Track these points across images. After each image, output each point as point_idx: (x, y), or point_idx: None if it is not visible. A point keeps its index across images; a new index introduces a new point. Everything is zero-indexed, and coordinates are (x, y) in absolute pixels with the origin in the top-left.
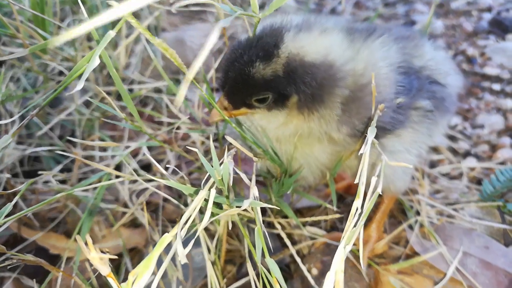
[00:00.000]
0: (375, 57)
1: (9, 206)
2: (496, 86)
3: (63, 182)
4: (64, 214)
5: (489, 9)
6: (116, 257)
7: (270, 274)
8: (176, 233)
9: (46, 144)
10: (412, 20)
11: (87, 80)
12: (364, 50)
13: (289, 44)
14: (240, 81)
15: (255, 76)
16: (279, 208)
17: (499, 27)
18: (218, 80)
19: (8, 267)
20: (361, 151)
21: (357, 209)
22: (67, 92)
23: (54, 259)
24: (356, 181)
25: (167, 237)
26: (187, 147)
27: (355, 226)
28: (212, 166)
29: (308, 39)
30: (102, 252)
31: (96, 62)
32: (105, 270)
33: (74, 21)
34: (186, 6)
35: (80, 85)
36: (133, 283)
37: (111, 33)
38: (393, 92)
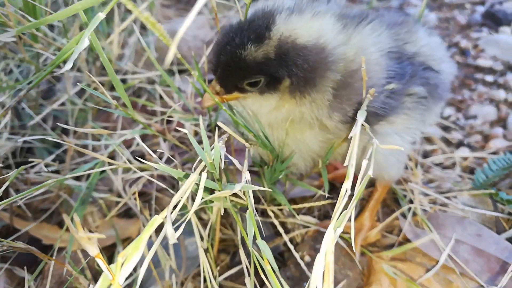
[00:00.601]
0: (366, 42)
1: None
2: (489, 78)
3: (55, 172)
4: (57, 205)
5: (482, 2)
6: (103, 236)
7: (262, 258)
8: (166, 216)
9: (39, 135)
10: (406, 13)
11: (80, 70)
12: (355, 36)
13: (281, 27)
14: (232, 64)
15: (246, 58)
16: (272, 196)
17: (492, 20)
18: (210, 64)
19: None
20: (350, 134)
21: (346, 190)
22: (62, 85)
23: (47, 250)
24: (345, 164)
25: (157, 219)
26: (178, 128)
27: (345, 209)
28: (203, 150)
29: (300, 21)
30: (90, 232)
31: (85, 44)
32: (94, 250)
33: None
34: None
35: (68, 65)
36: (122, 265)
37: (101, 15)
38: (384, 77)
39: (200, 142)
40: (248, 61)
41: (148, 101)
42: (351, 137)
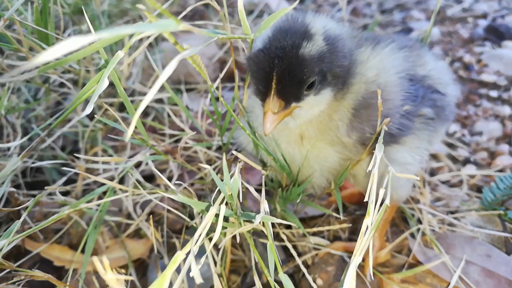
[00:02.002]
0: (386, 64)
1: (18, 224)
2: (493, 93)
3: (66, 193)
4: (68, 226)
5: (484, 16)
6: (131, 277)
7: (278, 284)
8: (189, 250)
9: (49, 156)
10: (409, 27)
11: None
12: (374, 57)
13: (316, 23)
14: (293, 68)
15: (307, 56)
16: (283, 217)
17: (494, 34)
18: (258, 83)
19: (17, 283)
20: (369, 168)
21: (367, 227)
22: (75, 115)
23: (59, 271)
24: (366, 199)
25: (180, 255)
26: (200, 165)
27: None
28: (222, 181)
29: (325, 19)
30: (117, 272)
31: (105, 84)
32: None
33: (74, 31)
34: (186, 16)
35: (89, 108)
36: None
37: (120, 54)
38: (403, 99)
39: (208, 162)
40: (309, 59)
41: (156, 119)
42: (366, 160)
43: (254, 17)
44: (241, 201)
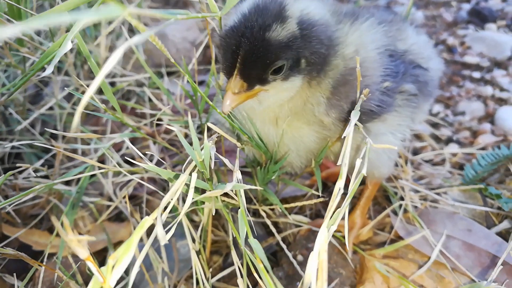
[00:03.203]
0: (364, 40)
1: None
2: (476, 74)
3: (45, 177)
4: (46, 210)
5: (467, 0)
6: (93, 238)
7: (255, 258)
8: (156, 217)
9: (27, 140)
10: (394, 12)
11: (68, 74)
12: (352, 33)
13: (295, 6)
14: (258, 51)
15: (274, 40)
16: (264, 196)
17: (478, 17)
18: (223, 61)
19: None
20: (344, 134)
21: (339, 189)
22: (49, 90)
23: (38, 256)
24: (339, 163)
25: (147, 220)
26: (166, 126)
27: (338, 208)
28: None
29: (307, 1)
30: (80, 234)
31: (67, 46)
32: (84, 253)
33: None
34: (169, 3)
35: (50, 68)
36: (113, 267)
37: (85, 18)
38: (382, 75)
39: (190, 143)
40: (275, 43)
41: (137, 103)
42: (345, 136)
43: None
44: (212, 167)
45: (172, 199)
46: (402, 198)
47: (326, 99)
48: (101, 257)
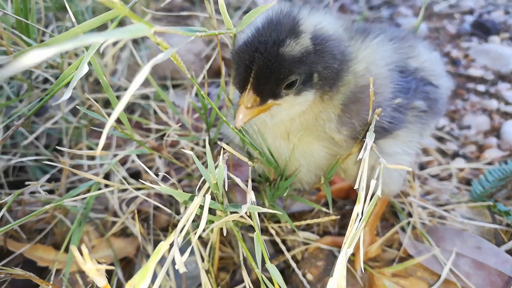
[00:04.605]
0: (375, 56)
1: None
2: (481, 87)
3: (50, 192)
4: (52, 225)
5: (471, 12)
6: (112, 267)
7: (269, 280)
8: (173, 241)
9: (32, 154)
10: (397, 23)
11: (73, 87)
12: (363, 50)
13: (308, 21)
14: (271, 66)
15: (287, 55)
16: (272, 213)
17: (481, 29)
18: (236, 76)
19: None
20: (360, 156)
21: (357, 214)
22: (54, 101)
23: (43, 272)
24: (356, 187)
25: (163, 246)
26: (181, 149)
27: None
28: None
29: (321, 16)
30: (98, 262)
31: (84, 70)
32: (102, 281)
33: (58, 28)
34: (173, 12)
35: (67, 93)
36: None
37: (100, 40)
38: (393, 91)
39: (198, 157)
40: (289, 58)
41: (142, 116)
42: (357, 154)
43: (241, 13)
44: (227, 192)
45: (187, 223)
46: (409, 214)
47: (337, 116)
48: (106, 272)
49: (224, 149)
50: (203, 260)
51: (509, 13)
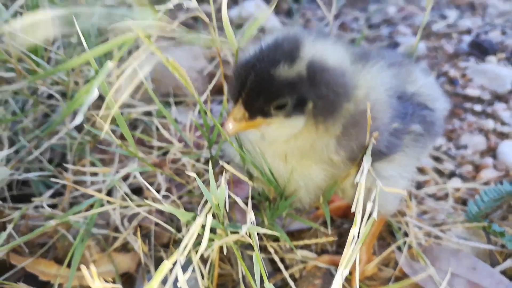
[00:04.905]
0: (375, 82)
1: (3, 236)
2: (478, 107)
3: (53, 206)
4: (54, 240)
5: (468, 32)
6: (119, 286)
7: None
8: (176, 260)
9: (36, 168)
10: (396, 42)
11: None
12: (364, 75)
13: (309, 48)
14: (262, 84)
15: (279, 77)
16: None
17: (478, 49)
18: (231, 89)
19: None
20: (356, 180)
21: (353, 236)
22: (64, 123)
23: (44, 286)
24: (352, 210)
25: (166, 265)
26: (183, 167)
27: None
28: (209, 191)
29: (325, 45)
30: (105, 281)
31: (95, 94)
32: None
33: (63, 43)
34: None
35: (79, 118)
36: None
37: (110, 64)
38: (391, 117)
39: (198, 173)
40: (281, 80)
41: (145, 132)
42: (355, 175)
43: (243, 32)
44: (227, 211)
45: (189, 242)
46: (406, 234)
47: (336, 140)
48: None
49: (225, 169)
50: (203, 277)
51: (506, 34)
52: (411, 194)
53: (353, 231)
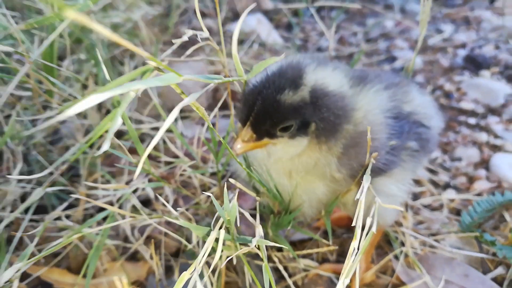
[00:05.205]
0: (373, 105)
1: (31, 247)
2: (472, 120)
3: (66, 217)
4: (67, 250)
5: (463, 46)
6: None
7: None
8: (194, 268)
9: (48, 181)
10: (393, 56)
11: (86, 117)
12: (362, 99)
13: (312, 75)
14: (269, 109)
15: (285, 103)
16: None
17: (472, 63)
18: (240, 113)
19: None
20: (357, 197)
21: (354, 249)
22: (94, 152)
23: None
24: (353, 224)
25: (185, 275)
26: (198, 190)
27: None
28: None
29: (326, 72)
30: None
31: (118, 123)
32: None
33: (73, 61)
34: (179, 46)
35: (105, 146)
36: None
37: (132, 94)
38: (387, 136)
39: (201, 186)
40: (286, 105)
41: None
42: (356, 191)
43: (246, 48)
44: (238, 225)
45: (205, 254)
46: (402, 243)
47: (337, 159)
48: None
49: (231, 184)
50: (212, 285)
51: (499, 48)
52: (407, 205)
53: (354, 244)
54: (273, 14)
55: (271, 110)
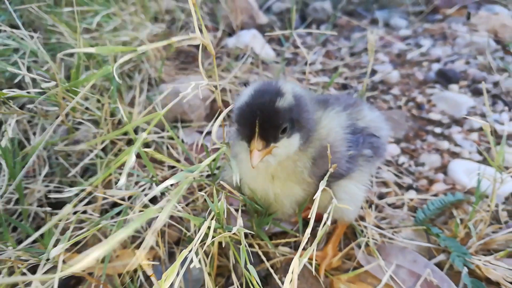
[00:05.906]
0: (334, 124)
1: (68, 234)
2: (438, 130)
3: (83, 212)
4: (87, 239)
5: (438, 60)
6: (157, 263)
7: (251, 282)
8: (192, 248)
9: (68, 182)
10: (373, 69)
11: (99, 126)
12: (325, 118)
13: (287, 87)
14: (271, 117)
15: (281, 108)
16: (257, 233)
17: (443, 77)
18: (243, 132)
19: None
20: (314, 197)
21: (307, 234)
22: (80, 133)
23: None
24: (309, 216)
25: (185, 252)
26: (199, 193)
27: (310, 245)
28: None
29: (295, 85)
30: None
31: (132, 159)
32: (149, 271)
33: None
34: (179, 58)
35: (122, 180)
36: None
37: (144, 135)
38: (347, 148)
39: (199, 186)
40: (282, 110)
41: (156, 150)
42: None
43: (241, 63)
44: (225, 217)
45: (200, 237)
46: (365, 235)
47: (310, 166)
48: (131, 276)
49: (223, 186)
50: (206, 265)
51: (470, 63)
52: (372, 203)
53: (307, 231)
54: (266, 27)
55: (273, 117)
